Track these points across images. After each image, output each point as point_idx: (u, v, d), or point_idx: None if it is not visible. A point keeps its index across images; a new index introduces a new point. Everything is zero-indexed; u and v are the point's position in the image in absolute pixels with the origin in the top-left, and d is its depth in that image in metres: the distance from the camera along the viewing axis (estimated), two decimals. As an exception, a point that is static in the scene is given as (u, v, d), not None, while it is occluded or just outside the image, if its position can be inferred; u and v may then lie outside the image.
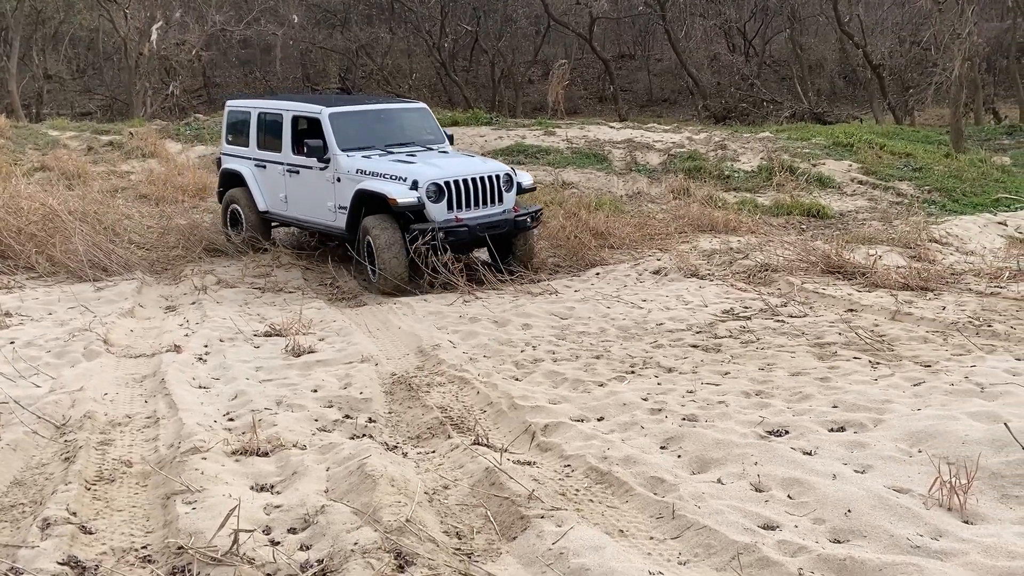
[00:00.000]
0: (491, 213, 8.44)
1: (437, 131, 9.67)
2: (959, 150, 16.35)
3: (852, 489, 3.29)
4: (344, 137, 8.75)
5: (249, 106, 10.02)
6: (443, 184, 8.15)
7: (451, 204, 8.19)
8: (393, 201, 7.95)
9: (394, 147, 8.98)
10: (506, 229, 8.47)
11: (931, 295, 7.21)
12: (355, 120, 9.11)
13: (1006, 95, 28.82)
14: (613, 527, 3.21)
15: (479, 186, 8.39)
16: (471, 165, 8.69)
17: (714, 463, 3.75)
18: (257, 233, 9.85)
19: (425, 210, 8.06)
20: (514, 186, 8.74)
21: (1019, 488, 3.27)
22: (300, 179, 9.19)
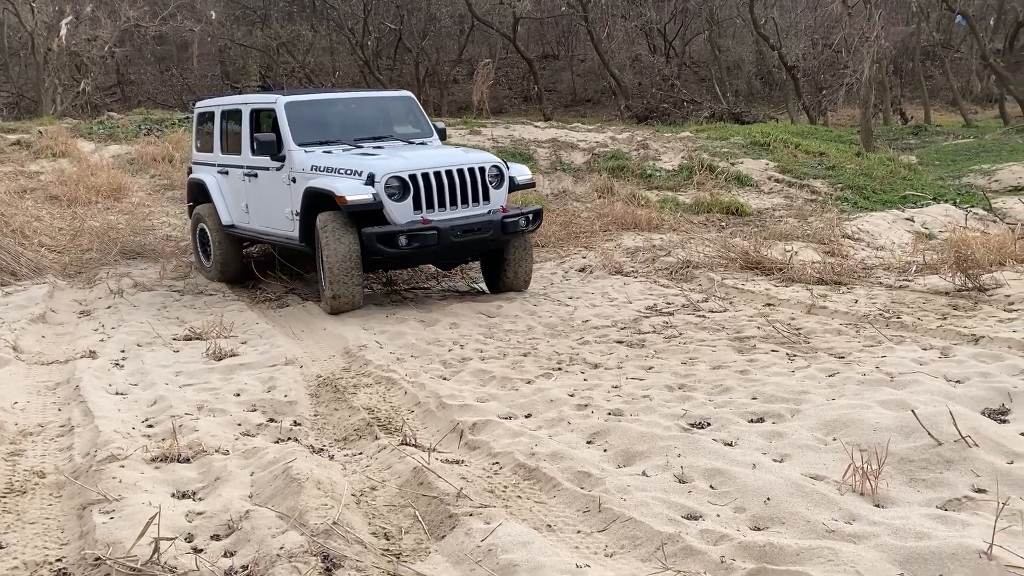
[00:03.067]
0: (471, 214, 6.96)
1: (424, 123, 8.31)
2: (869, 149, 17.01)
3: (771, 478, 3.39)
4: (302, 130, 7.49)
5: (214, 105, 8.81)
6: (407, 178, 6.75)
7: (419, 203, 6.80)
8: (342, 199, 6.60)
9: (366, 141, 7.71)
10: (490, 234, 6.95)
11: (844, 289, 7.47)
12: (316, 111, 7.84)
13: (912, 96, 30.10)
14: (541, 522, 3.24)
15: (456, 181, 6.94)
16: (448, 156, 7.26)
17: (639, 456, 3.82)
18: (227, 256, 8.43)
19: (384, 210, 6.71)
20: (505, 182, 7.27)
21: (926, 472, 3.42)
22: (258, 183, 7.90)
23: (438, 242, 6.71)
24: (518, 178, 7.57)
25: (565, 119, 24.14)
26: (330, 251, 6.73)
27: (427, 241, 6.68)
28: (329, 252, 6.74)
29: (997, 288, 6.98)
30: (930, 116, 26.66)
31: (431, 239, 6.69)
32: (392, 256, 6.86)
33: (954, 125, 24.53)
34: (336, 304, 6.87)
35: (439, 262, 7.83)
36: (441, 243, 6.73)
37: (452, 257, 7.56)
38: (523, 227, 7.20)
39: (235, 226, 8.32)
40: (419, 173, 6.81)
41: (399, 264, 7.47)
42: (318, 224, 6.89)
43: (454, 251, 7.15)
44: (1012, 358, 4.99)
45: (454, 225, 6.79)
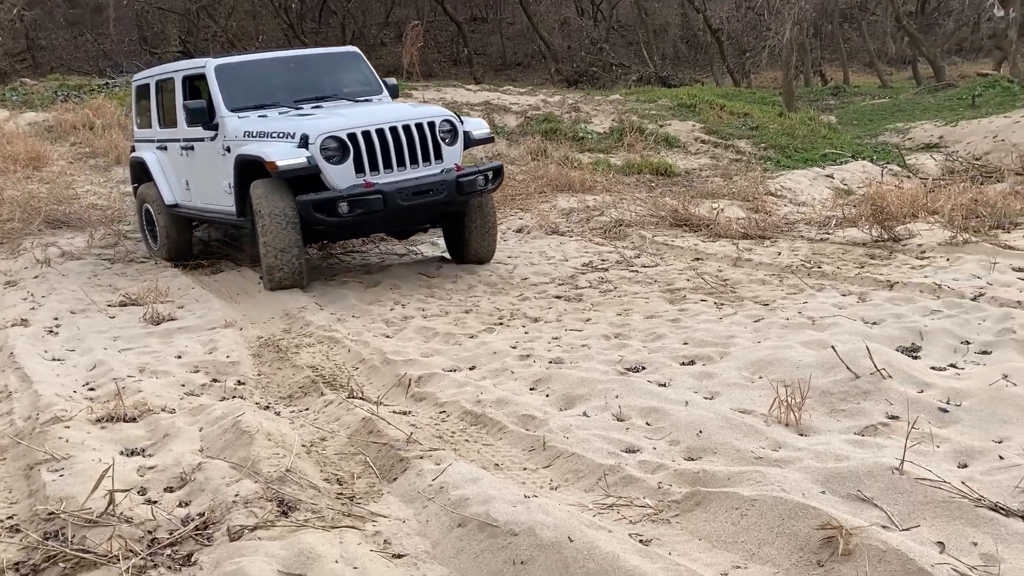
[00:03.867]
0: (422, 175, 6.31)
1: (372, 80, 7.71)
2: (791, 109, 17.49)
3: (702, 413, 3.59)
4: (235, 94, 6.94)
5: (149, 76, 8.23)
6: (345, 137, 6.12)
7: (361, 165, 6.20)
8: (271, 165, 6.03)
9: (307, 102, 7.14)
10: (444, 196, 6.30)
11: (768, 242, 7.78)
12: (250, 73, 7.25)
13: (831, 58, 30.90)
14: (489, 462, 3.38)
15: (403, 139, 6.29)
16: (393, 112, 6.66)
17: (579, 399, 3.99)
18: (174, 238, 7.90)
19: (322, 175, 6.12)
20: (459, 137, 6.63)
21: (844, 403, 3.68)
22: (195, 157, 7.34)
23: (384, 207, 6.06)
24: (474, 132, 6.88)
25: (496, 82, 24.08)
26: (265, 223, 6.18)
27: (371, 207, 6.03)
28: (264, 225, 6.18)
29: (910, 238, 7.37)
30: (848, 77, 27.44)
31: (376, 204, 6.04)
32: (333, 225, 6.28)
33: (871, 86, 25.30)
34: (276, 281, 6.36)
35: (390, 230, 7.26)
36: (388, 208, 6.09)
37: (403, 223, 6.94)
38: (481, 186, 6.51)
39: (178, 205, 7.78)
40: (359, 132, 6.18)
41: (345, 234, 6.95)
42: (251, 195, 6.36)
43: (404, 216, 6.52)
44: (923, 300, 5.33)
45: (402, 187, 6.14)
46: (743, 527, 2.59)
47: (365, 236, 7.21)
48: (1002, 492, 2.68)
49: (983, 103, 16.86)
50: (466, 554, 2.65)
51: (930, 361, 4.24)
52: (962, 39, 31.08)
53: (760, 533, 2.54)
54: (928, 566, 2.21)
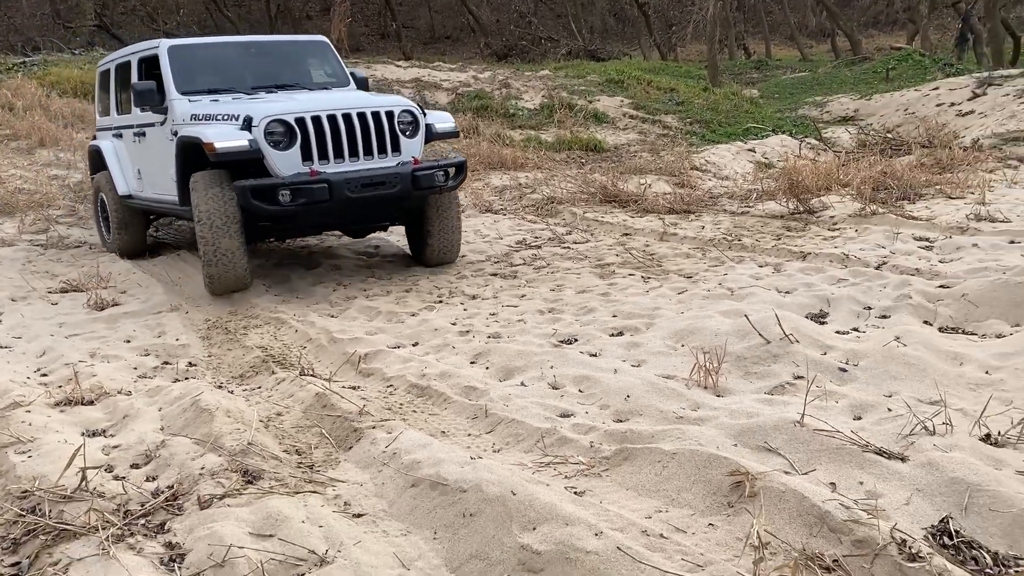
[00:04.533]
0: (375, 167, 5.97)
1: (339, 71, 7.42)
2: (715, 84, 18.04)
3: (630, 379, 3.94)
4: (188, 77, 6.65)
5: (111, 60, 7.95)
6: (292, 122, 5.77)
7: (309, 152, 5.82)
8: (209, 147, 5.61)
9: (266, 90, 6.82)
10: (397, 189, 5.91)
11: (693, 217, 8.20)
12: (206, 56, 6.94)
13: (754, 32, 31.71)
14: (436, 430, 3.67)
15: (358, 127, 5.94)
16: (348, 99, 6.24)
17: (517, 370, 4.30)
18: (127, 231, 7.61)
19: (266, 160, 5.73)
20: (420, 130, 6.27)
21: (757, 366, 4.07)
22: (147, 143, 7.07)
23: (330, 198, 5.68)
24: (437, 126, 6.54)
25: (425, 57, 24.08)
26: (205, 221, 5.75)
27: (316, 196, 5.64)
28: (203, 217, 5.75)
29: (824, 210, 7.87)
30: (770, 50, 28.25)
31: (320, 194, 5.65)
32: (274, 216, 5.86)
33: (792, 59, 26.12)
34: (216, 283, 5.92)
35: (342, 225, 6.83)
36: (334, 199, 5.70)
37: (353, 218, 6.53)
38: (440, 182, 6.11)
39: (132, 196, 7.48)
40: (308, 116, 5.82)
41: (293, 230, 6.54)
42: (191, 184, 5.93)
43: (353, 210, 6.09)
44: (832, 270, 5.79)
45: (350, 178, 5.77)
46: (664, 477, 2.93)
47: (316, 233, 6.78)
48: (887, 439, 3.09)
49: (896, 76, 17.66)
50: (420, 510, 2.94)
51: (835, 326, 4.67)
52: (878, 12, 32.26)
53: (679, 482, 2.88)
54: (820, 502, 2.59)
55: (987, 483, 2.68)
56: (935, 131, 11.49)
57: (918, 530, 2.54)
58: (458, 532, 2.77)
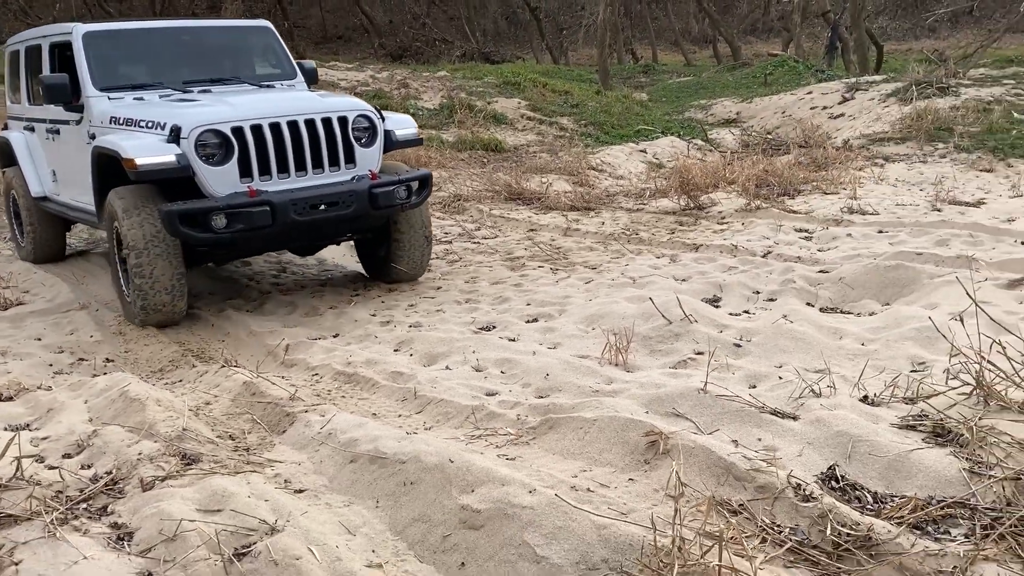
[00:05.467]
0: (326, 184, 5.18)
1: (284, 62, 6.58)
2: (607, 87, 18.66)
3: (548, 360, 4.21)
4: (107, 70, 5.77)
5: (20, 41, 7.02)
6: (228, 132, 4.94)
7: (248, 167, 5.03)
8: (130, 164, 4.81)
9: (199, 84, 5.99)
10: (352, 210, 5.15)
11: (593, 213, 8.58)
12: (129, 43, 6.03)
13: (641, 37, 32.79)
14: (367, 412, 3.84)
15: (305, 136, 5.14)
16: (295, 102, 5.36)
17: (441, 356, 4.51)
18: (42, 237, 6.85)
19: (197, 178, 4.93)
20: (378, 137, 5.46)
21: (661, 344, 4.41)
22: (61, 142, 6.26)
23: (273, 222, 4.91)
24: (397, 132, 5.70)
25: (317, 56, 23.84)
26: (133, 242, 4.95)
27: (256, 221, 4.86)
28: (132, 243, 4.95)
29: (712, 206, 8.39)
30: (657, 55, 29.28)
31: (261, 219, 4.87)
32: (207, 244, 5.10)
33: (677, 64, 27.18)
34: (149, 317, 5.15)
35: (288, 247, 6.07)
36: (278, 224, 4.92)
37: (301, 241, 5.76)
38: (402, 199, 5.38)
39: (47, 199, 6.66)
40: (247, 125, 4.98)
41: (232, 254, 5.70)
42: (108, 204, 5.17)
43: (300, 234, 5.36)
44: (723, 259, 6.25)
45: (297, 198, 4.97)
46: (587, 441, 3.21)
47: (258, 254, 6.05)
48: (779, 402, 3.46)
49: (774, 81, 18.69)
50: (361, 483, 3.12)
51: (728, 308, 5.09)
52: (756, 20, 33.90)
53: (601, 444, 3.16)
54: (725, 455, 2.91)
55: (866, 435, 3.07)
56: (810, 132, 12.32)
57: (810, 476, 2.90)
58: (400, 500, 2.96)
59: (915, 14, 28.72)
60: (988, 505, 2.64)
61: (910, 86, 12.86)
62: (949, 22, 28.61)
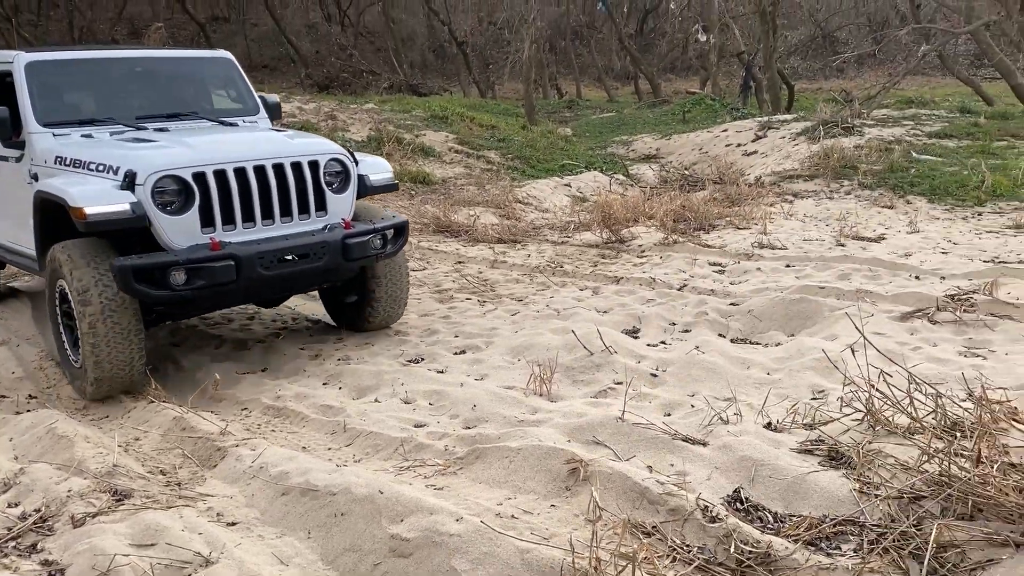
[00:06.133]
0: (296, 233, 4.80)
1: (246, 96, 6.13)
2: (532, 122, 19.06)
3: (475, 391, 4.37)
4: (52, 103, 5.30)
5: None
6: (189, 178, 4.50)
7: (210, 216, 4.58)
8: (79, 213, 4.31)
9: (154, 120, 5.50)
10: (323, 262, 4.79)
11: (519, 246, 8.81)
12: (77, 74, 5.55)
13: (566, 72, 33.51)
14: (298, 446, 3.93)
15: (273, 182, 4.72)
16: (261, 144, 4.98)
17: (370, 389, 4.62)
18: None
19: (153, 229, 4.46)
20: (352, 182, 5.12)
21: (583, 374, 4.63)
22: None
23: (237, 277, 4.50)
24: (372, 177, 5.33)
25: (244, 87, 23.70)
26: (83, 301, 4.43)
27: (219, 277, 4.45)
28: (83, 302, 4.44)
29: (632, 240, 8.72)
30: (581, 91, 29.98)
31: (225, 274, 4.46)
32: (166, 302, 4.59)
33: (600, 100, 27.90)
34: (100, 387, 4.60)
35: (253, 301, 5.59)
36: (243, 279, 4.53)
37: (267, 295, 5.40)
38: (377, 250, 5.04)
39: None
40: (210, 170, 4.55)
41: (194, 312, 5.21)
42: (53, 258, 4.63)
43: (266, 288, 4.99)
44: (642, 292, 6.53)
45: (265, 251, 4.57)
46: (512, 470, 3.38)
47: (220, 310, 5.64)
48: (691, 429, 3.69)
49: (692, 118, 19.40)
50: (292, 515, 3.21)
51: (646, 339, 5.35)
52: (675, 58, 35.07)
53: (525, 472, 3.34)
54: (640, 481, 3.12)
55: (768, 459, 3.32)
56: (725, 169, 12.86)
57: (717, 499, 3.13)
58: (331, 531, 3.07)
59: (824, 55, 30.18)
60: (875, 522, 2.90)
61: (818, 126, 13.57)
62: (856, 63, 30.16)
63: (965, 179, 10.36)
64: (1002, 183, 10.05)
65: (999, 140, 12.71)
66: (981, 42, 16.80)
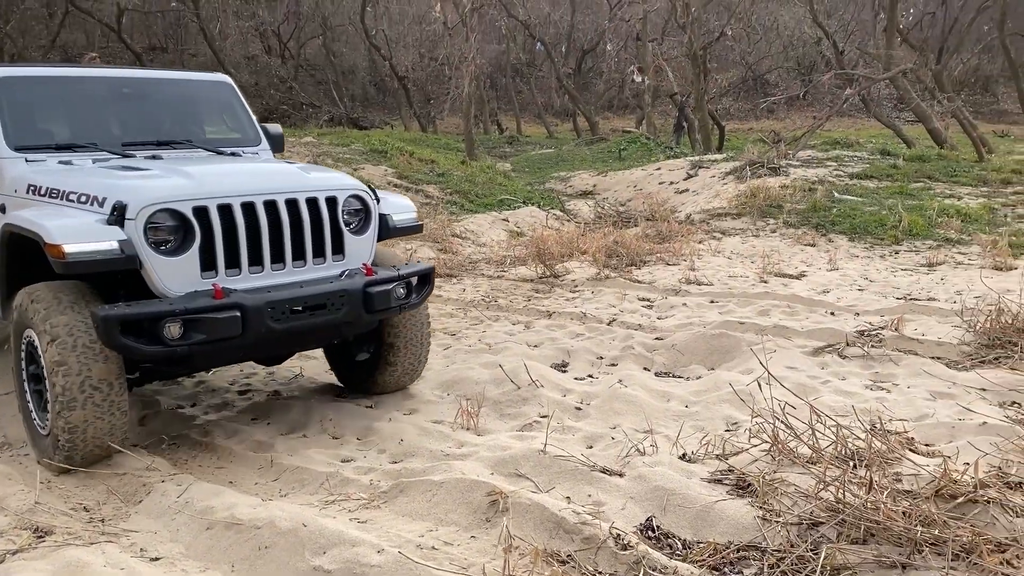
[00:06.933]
0: (310, 280, 4.14)
1: (246, 124, 5.54)
2: (472, 157, 19.31)
3: (403, 426, 4.46)
4: (25, 124, 4.72)
5: None
6: (189, 212, 3.84)
7: (212, 258, 3.91)
8: (55, 251, 3.64)
9: (142, 148, 4.89)
10: (342, 314, 4.11)
11: (455, 280, 8.94)
12: (54, 93, 4.92)
13: (506, 108, 34.02)
14: (224, 480, 3.96)
15: (285, 220, 4.07)
16: (272, 176, 4.25)
17: (299, 425, 4.67)
18: None
19: (144, 271, 3.80)
20: (372, 221, 4.48)
21: (510, 408, 4.75)
22: None
23: (243, 332, 3.83)
24: (395, 217, 4.69)
25: (181, 118, 23.50)
26: (59, 361, 3.72)
27: (222, 331, 3.78)
28: (58, 363, 3.72)
29: (567, 274, 8.93)
30: (521, 127, 30.48)
31: (229, 327, 3.79)
32: (159, 359, 3.99)
33: (540, 136, 28.39)
34: (72, 459, 3.87)
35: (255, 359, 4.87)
36: (250, 333, 3.85)
37: (273, 352, 4.76)
38: (401, 301, 4.39)
39: None
40: (213, 204, 3.89)
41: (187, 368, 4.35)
42: (20, 305, 3.97)
43: (273, 345, 4.43)
44: (572, 326, 6.70)
45: (275, 299, 3.90)
46: (435, 503, 3.47)
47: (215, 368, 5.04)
48: (610, 460, 3.85)
49: (628, 156, 19.90)
50: (217, 549, 3.25)
51: (574, 373, 5.51)
52: (612, 97, 35.88)
53: (447, 505, 3.44)
54: (557, 511, 3.25)
55: (680, 489, 3.48)
56: (658, 206, 13.24)
57: (630, 527, 3.27)
58: (255, 564, 3.13)
59: (755, 97, 31.27)
60: (775, 547, 3.08)
61: (745, 166, 14.08)
62: (785, 105, 31.30)
63: (883, 219, 10.87)
64: (918, 223, 10.58)
65: (916, 181, 13.37)
66: (900, 88, 17.68)
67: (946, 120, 18.74)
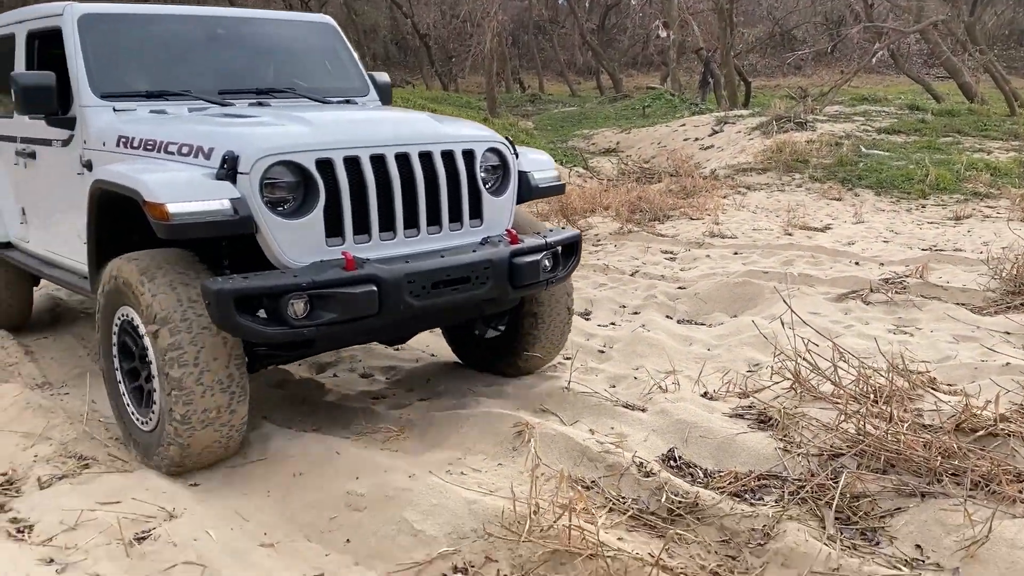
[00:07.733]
0: (447, 248, 3.51)
1: (353, 71, 4.91)
2: (494, 115, 19.25)
3: (430, 366, 4.56)
4: (112, 69, 4.08)
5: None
6: (311, 166, 3.21)
7: (339, 220, 3.28)
8: (158, 211, 3.04)
9: (242, 96, 4.27)
10: (486, 289, 3.48)
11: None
12: (143, 34, 4.27)
13: (528, 67, 33.77)
14: (258, 415, 4.09)
15: (419, 178, 3.44)
16: (403, 125, 3.58)
17: (329, 364, 4.78)
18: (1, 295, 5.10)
19: (259, 235, 3.19)
20: (511, 179, 3.79)
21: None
22: (38, 170, 4.52)
23: (380, 311, 3.21)
24: (536, 175, 4.00)
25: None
26: (173, 346, 3.12)
27: (356, 309, 3.16)
28: (172, 348, 3.12)
29: (589, 229, 8.95)
30: (543, 85, 30.27)
31: (365, 304, 3.17)
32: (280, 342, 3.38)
33: (562, 94, 28.20)
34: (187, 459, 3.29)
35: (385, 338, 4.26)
36: (386, 311, 3.23)
37: (407, 333, 4.17)
38: (547, 275, 3.73)
39: (12, 245, 4.94)
40: (338, 156, 3.27)
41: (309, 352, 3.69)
42: (112, 277, 3.37)
43: (409, 326, 3.87)
44: (595, 277, 6.76)
45: (413, 272, 3.27)
46: (463, 435, 3.57)
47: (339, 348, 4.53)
48: (632, 397, 3.93)
49: (652, 113, 19.73)
50: (254, 476, 3.37)
51: (597, 320, 5.58)
52: (636, 54, 35.47)
53: (475, 436, 3.53)
54: (581, 441, 3.34)
55: (702, 422, 3.56)
56: (681, 162, 13.18)
57: (652, 457, 3.36)
58: (290, 489, 3.24)
59: (782, 52, 30.78)
60: (795, 476, 3.15)
61: (771, 121, 13.94)
62: (813, 60, 30.81)
63: (911, 173, 10.76)
64: (945, 177, 10.47)
65: (945, 136, 13.19)
66: (930, 41, 17.35)
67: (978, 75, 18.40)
